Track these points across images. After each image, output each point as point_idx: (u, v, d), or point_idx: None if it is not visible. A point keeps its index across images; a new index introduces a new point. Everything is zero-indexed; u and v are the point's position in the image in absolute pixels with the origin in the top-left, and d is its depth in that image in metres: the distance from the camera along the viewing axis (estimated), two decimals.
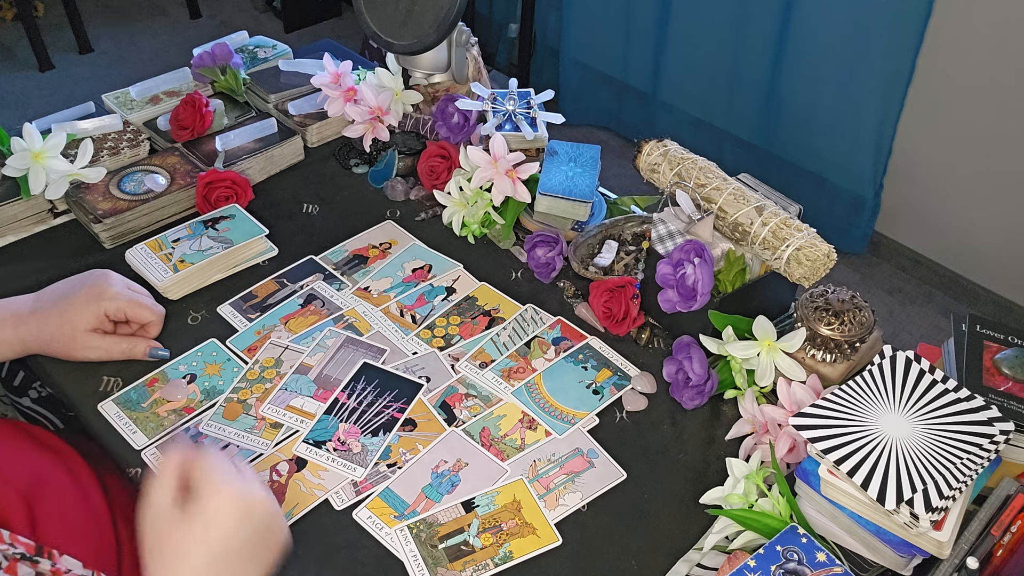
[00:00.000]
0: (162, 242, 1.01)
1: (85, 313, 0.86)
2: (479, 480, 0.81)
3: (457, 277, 1.04)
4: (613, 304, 0.95)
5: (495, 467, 0.83)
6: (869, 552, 0.73)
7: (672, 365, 0.90)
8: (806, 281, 0.84)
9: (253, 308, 0.98)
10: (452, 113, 1.11)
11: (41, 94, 2.99)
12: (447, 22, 1.10)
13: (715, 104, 2.55)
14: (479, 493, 0.80)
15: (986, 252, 2.21)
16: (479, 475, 0.82)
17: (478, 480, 0.81)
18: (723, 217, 0.89)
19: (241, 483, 0.68)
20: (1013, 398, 0.77)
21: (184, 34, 3.37)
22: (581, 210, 1.04)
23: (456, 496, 0.80)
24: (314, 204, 1.14)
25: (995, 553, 0.70)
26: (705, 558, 0.76)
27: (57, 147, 1.04)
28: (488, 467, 0.83)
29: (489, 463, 0.83)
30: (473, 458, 0.83)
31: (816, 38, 2.19)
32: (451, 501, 0.79)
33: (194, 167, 1.12)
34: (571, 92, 2.86)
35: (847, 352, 0.84)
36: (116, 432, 0.84)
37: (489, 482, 0.81)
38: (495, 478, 0.82)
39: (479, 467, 0.83)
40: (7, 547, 0.66)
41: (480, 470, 0.82)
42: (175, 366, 0.91)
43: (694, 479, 0.84)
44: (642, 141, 0.97)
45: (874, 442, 0.71)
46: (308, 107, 1.24)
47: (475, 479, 0.82)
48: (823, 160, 2.34)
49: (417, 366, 0.92)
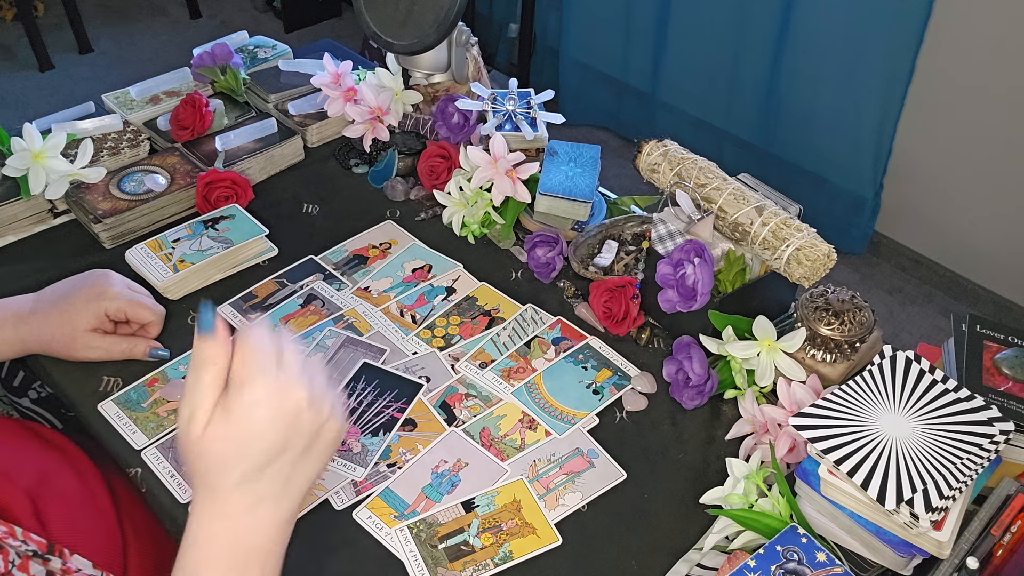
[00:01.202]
0: (162, 242, 1.01)
1: (85, 313, 0.86)
2: (479, 480, 0.81)
3: (457, 277, 1.04)
4: (613, 304, 0.95)
5: (495, 467, 0.83)
6: (869, 552, 0.73)
7: (672, 365, 0.90)
8: (806, 281, 0.84)
9: (253, 308, 0.98)
10: (452, 113, 1.11)
11: (41, 94, 2.99)
12: (447, 22, 1.10)
13: (715, 104, 2.55)
14: (479, 493, 0.80)
15: (986, 252, 2.21)
16: (479, 475, 0.82)
17: (478, 480, 0.81)
18: (723, 217, 0.89)
19: (277, 378, 0.61)
20: (1013, 398, 0.77)
21: (184, 34, 3.37)
22: (581, 210, 1.04)
23: (456, 496, 0.80)
24: (314, 204, 1.14)
25: (995, 553, 0.70)
26: (705, 558, 0.76)
27: (57, 147, 1.04)
28: (488, 467, 0.83)
29: (489, 463, 0.83)
30: (473, 458, 0.83)
31: (816, 38, 2.19)
32: (451, 501, 0.79)
33: (194, 167, 1.12)
34: (571, 92, 2.86)
35: (847, 352, 0.84)
36: (116, 432, 0.84)
37: (489, 482, 0.81)
38: (495, 478, 0.82)
39: (479, 467, 0.83)
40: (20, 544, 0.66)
41: (480, 470, 0.82)
42: (175, 366, 0.91)
43: (694, 479, 0.84)
44: (642, 141, 0.97)
45: (874, 442, 0.71)
46: (308, 107, 1.24)
47: (475, 479, 0.82)
48: (823, 160, 2.34)
49: (417, 366, 0.92)
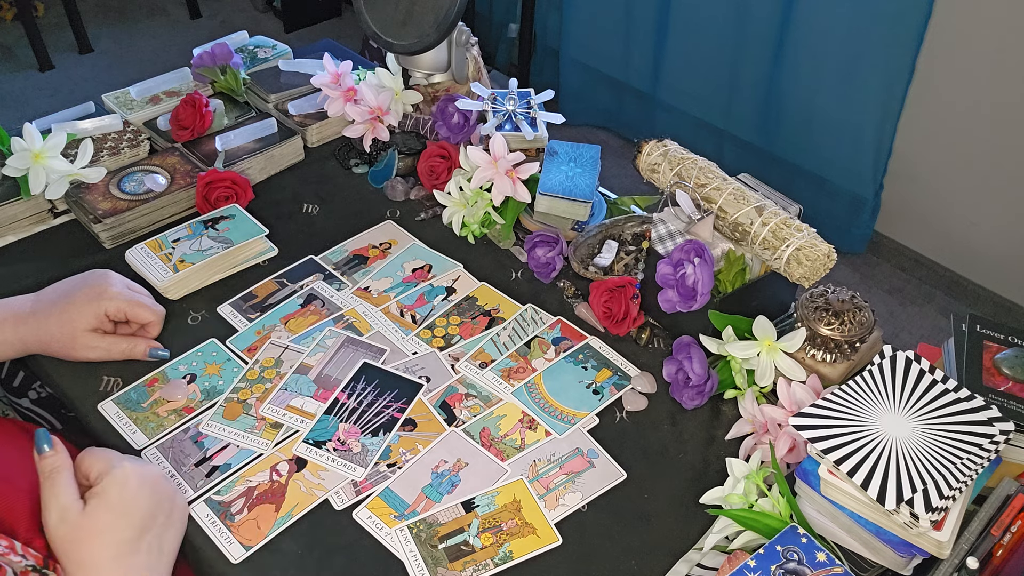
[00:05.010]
0: (162, 242, 1.01)
1: (85, 313, 0.86)
2: (479, 480, 0.81)
3: (457, 277, 1.04)
4: (613, 304, 0.95)
5: (495, 467, 0.83)
6: (869, 552, 0.73)
7: (672, 365, 0.90)
8: (806, 281, 0.84)
9: (253, 308, 0.98)
10: (452, 113, 1.11)
11: (41, 94, 2.99)
12: (447, 22, 1.10)
13: (715, 104, 2.55)
14: (479, 493, 0.80)
15: (986, 252, 2.21)
16: (479, 475, 0.82)
17: (478, 480, 0.81)
18: (723, 217, 0.89)
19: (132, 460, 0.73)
20: (1013, 398, 0.77)
21: (184, 34, 3.37)
22: (581, 210, 1.04)
23: (456, 496, 0.80)
24: (314, 204, 1.14)
25: (995, 553, 0.70)
26: (705, 558, 0.76)
27: (57, 147, 1.04)
28: (488, 467, 0.83)
29: (489, 463, 0.83)
30: (473, 458, 0.83)
31: (816, 38, 2.19)
32: (451, 501, 0.79)
33: (194, 167, 1.12)
34: (571, 92, 2.86)
35: (847, 352, 0.84)
36: (116, 432, 0.84)
37: (489, 482, 0.81)
38: (495, 478, 0.82)
39: (479, 467, 0.83)
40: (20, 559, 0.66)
41: (480, 470, 0.82)
42: (175, 366, 0.91)
43: (694, 479, 0.84)
44: (642, 141, 0.97)
45: (874, 442, 0.71)
46: (308, 107, 1.24)
47: (475, 479, 0.82)
48: (823, 160, 2.34)
49: (417, 366, 0.92)
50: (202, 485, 0.79)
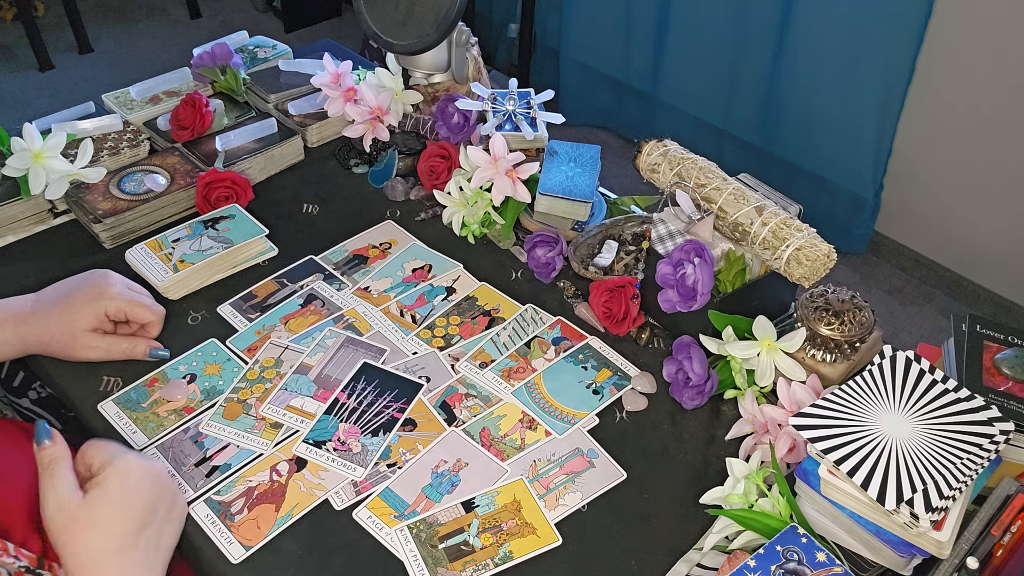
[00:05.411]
0: (162, 242, 1.01)
1: (85, 313, 0.86)
2: (479, 480, 0.81)
3: (457, 277, 1.04)
4: (613, 304, 0.95)
5: (495, 467, 0.83)
6: (869, 552, 0.73)
7: (672, 365, 0.90)
8: (806, 281, 0.84)
9: (253, 308, 0.98)
10: (452, 113, 1.11)
11: (41, 94, 2.99)
12: (447, 22, 1.10)
13: (715, 104, 2.55)
14: (479, 493, 0.80)
15: (986, 252, 2.21)
16: (479, 475, 0.82)
17: (478, 480, 0.81)
18: (723, 217, 0.89)
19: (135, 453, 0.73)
20: (1013, 398, 0.77)
21: (184, 34, 3.37)
22: (581, 210, 1.04)
23: (456, 496, 0.80)
24: (314, 204, 1.14)
25: (995, 553, 0.70)
26: (705, 558, 0.76)
27: (57, 147, 1.04)
28: (488, 467, 0.83)
29: (489, 463, 0.83)
30: (473, 458, 0.83)
31: (816, 38, 2.19)
32: (451, 501, 0.79)
33: (194, 167, 1.12)
34: (571, 92, 2.86)
35: (847, 352, 0.84)
36: (116, 432, 0.84)
37: (489, 482, 0.81)
38: (495, 478, 0.82)
39: (479, 467, 0.83)
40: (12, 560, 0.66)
41: (480, 470, 0.82)
42: (175, 366, 0.91)
43: (694, 479, 0.84)
44: (642, 141, 0.97)
45: (874, 442, 0.71)
46: (308, 107, 1.24)
47: (475, 479, 0.82)
48: (823, 160, 2.34)
49: (417, 366, 0.92)
50: (202, 485, 0.79)
